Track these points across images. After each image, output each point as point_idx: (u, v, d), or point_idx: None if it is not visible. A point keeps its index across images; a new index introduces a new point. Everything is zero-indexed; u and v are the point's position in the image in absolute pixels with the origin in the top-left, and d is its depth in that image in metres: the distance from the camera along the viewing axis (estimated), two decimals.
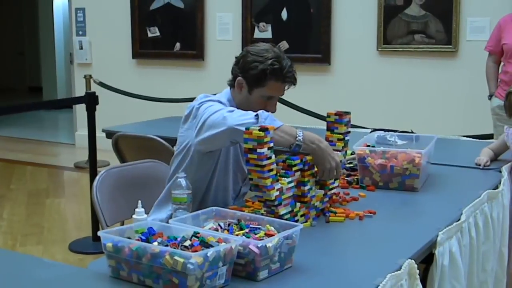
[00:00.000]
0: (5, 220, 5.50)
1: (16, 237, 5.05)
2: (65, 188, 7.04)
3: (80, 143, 8.22)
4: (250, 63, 2.58)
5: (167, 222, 2.07)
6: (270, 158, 2.19)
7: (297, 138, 2.35)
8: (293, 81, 2.62)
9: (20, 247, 4.80)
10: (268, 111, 2.56)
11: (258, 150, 2.16)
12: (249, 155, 2.18)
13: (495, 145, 3.45)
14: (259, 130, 2.16)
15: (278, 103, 2.72)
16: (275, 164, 2.23)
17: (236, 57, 2.69)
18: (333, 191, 2.55)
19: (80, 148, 8.08)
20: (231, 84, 2.69)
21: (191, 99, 2.86)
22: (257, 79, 2.58)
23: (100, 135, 4.67)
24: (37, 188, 6.64)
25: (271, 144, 2.20)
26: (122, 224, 2.81)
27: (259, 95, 2.61)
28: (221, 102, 2.57)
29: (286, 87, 2.64)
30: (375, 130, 3.93)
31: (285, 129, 2.37)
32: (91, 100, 4.96)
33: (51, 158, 8.24)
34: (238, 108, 2.52)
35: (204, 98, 2.58)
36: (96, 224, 4.63)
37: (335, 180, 2.53)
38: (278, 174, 2.26)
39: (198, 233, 1.88)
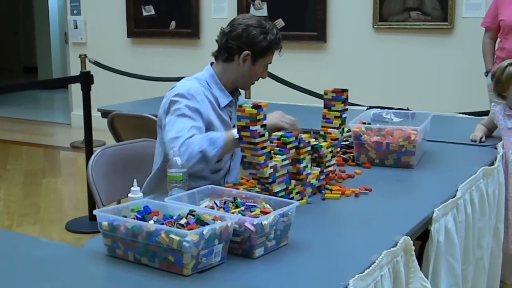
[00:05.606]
0: (1, 200, 5.50)
1: (12, 217, 5.05)
2: (62, 168, 7.03)
3: (76, 123, 8.19)
4: (257, 36, 2.64)
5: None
6: (263, 135, 2.19)
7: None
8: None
9: (17, 227, 4.80)
10: (263, 77, 2.79)
11: (251, 128, 2.15)
12: (242, 133, 2.18)
13: (487, 121, 3.46)
14: (252, 107, 2.16)
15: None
16: (268, 142, 2.23)
17: (228, 32, 2.71)
18: (329, 168, 2.56)
19: (76, 128, 8.05)
20: (227, 59, 2.72)
21: None
22: (265, 50, 2.66)
23: (95, 114, 4.66)
24: (34, 168, 6.63)
25: (264, 122, 2.20)
26: (119, 203, 2.81)
27: (262, 65, 2.71)
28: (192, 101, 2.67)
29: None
30: (371, 107, 3.93)
31: (227, 141, 2.49)
32: (86, 80, 4.94)
33: (47, 138, 8.22)
34: (225, 82, 2.73)
35: (175, 99, 2.70)
36: (92, 204, 4.63)
37: (332, 157, 2.55)
38: (272, 151, 2.26)
39: (194, 211, 1.88)
